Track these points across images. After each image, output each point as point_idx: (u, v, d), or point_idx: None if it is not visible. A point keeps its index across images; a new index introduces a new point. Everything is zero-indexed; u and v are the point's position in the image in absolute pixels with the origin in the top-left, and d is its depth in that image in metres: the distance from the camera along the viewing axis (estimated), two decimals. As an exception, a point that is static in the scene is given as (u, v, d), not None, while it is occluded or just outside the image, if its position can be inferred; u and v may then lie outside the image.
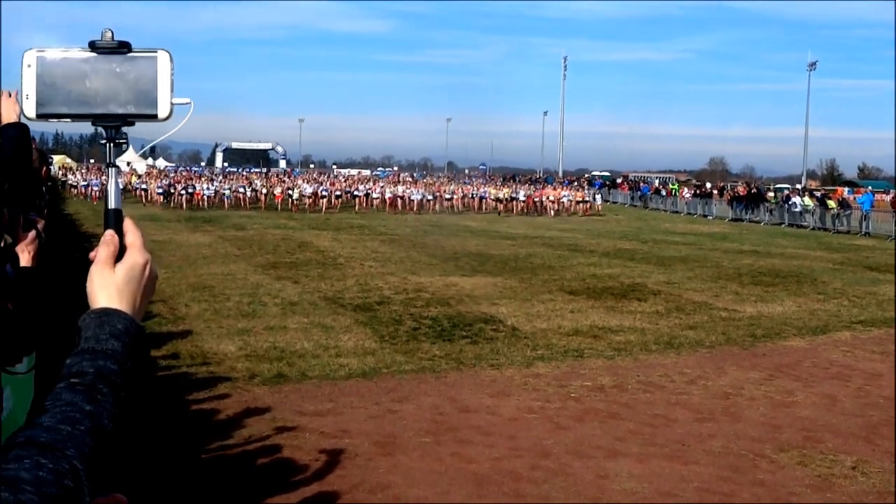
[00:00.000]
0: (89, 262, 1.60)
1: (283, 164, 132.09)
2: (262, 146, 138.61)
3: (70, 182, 60.54)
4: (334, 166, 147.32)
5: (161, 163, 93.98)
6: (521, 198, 58.01)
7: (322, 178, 68.54)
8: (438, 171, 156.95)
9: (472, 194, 60.42)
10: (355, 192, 55.84)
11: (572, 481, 8.36)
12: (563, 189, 64.95)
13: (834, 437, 9.99)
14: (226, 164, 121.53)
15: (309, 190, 54.25)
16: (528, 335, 15.08)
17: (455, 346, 14.13)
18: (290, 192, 53.12)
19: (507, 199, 57.55)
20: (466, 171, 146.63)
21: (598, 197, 63.74)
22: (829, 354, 14.42)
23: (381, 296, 19.03)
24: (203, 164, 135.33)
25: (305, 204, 52.24)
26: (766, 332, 16.13)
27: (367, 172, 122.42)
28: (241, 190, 54.19)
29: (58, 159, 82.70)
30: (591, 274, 23.93)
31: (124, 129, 1.72)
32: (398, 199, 55.38)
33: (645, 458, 9.08)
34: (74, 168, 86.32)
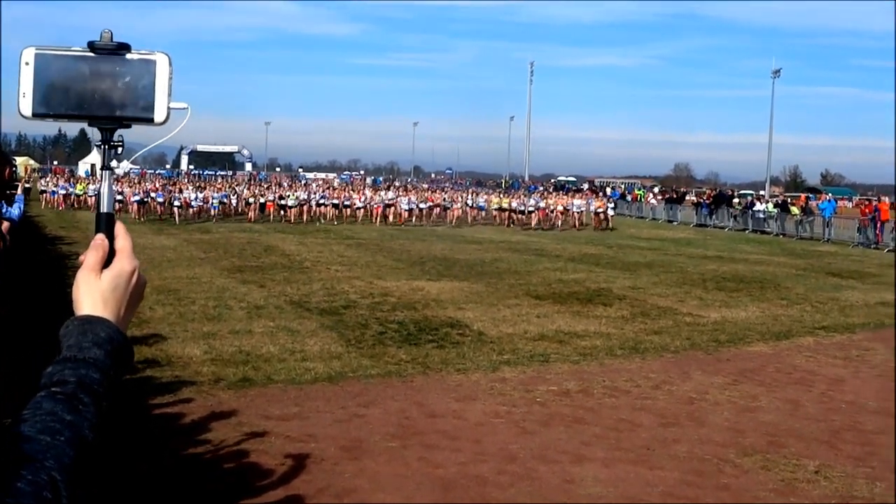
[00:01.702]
0: (71, 265, 1.59)
1: (248, 167, 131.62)
2: (227, 149, 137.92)
3: (41, 188, 56.44)
4: (300, 169, 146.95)
5: (125, 165, 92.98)
6: (531, 208, 49.19)
7: (314, 185, 62.72)
8: (405, 174, 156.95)
9: (470, 203, 52.72)
10: (345, 202, 48.71)
11: (538, 486, 8.38)
12: (573, 197, 57.11)
13: (797, 441, 10.06)
14: (191, 167, 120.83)
15: (305, 197, 47.93)
16: (494, 340, 15.10)
17: (421, 350, 14.12)
18: (284, 200, 46.89)
19: (518, 211, 49.34)
20: (433, 175, 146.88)
21: (610, 207, 52.43)
22: (792, 360, 14.53)
23: (347, 300, 18.99)
24: (168, 166, 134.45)
25: (302, 214, 46.37)
26: (731, 337, 16.24)
27: (332, 175, 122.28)
28: (225, 199, 47.71)
29: (21, 161, 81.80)
30: (557, 279, 24.01)
31: (120, 131, 1.70)
32: (388, 208, 48.45)
33: (610, 462, 9.11)
34: (36, 169, 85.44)
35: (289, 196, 47.37)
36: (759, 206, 52.64)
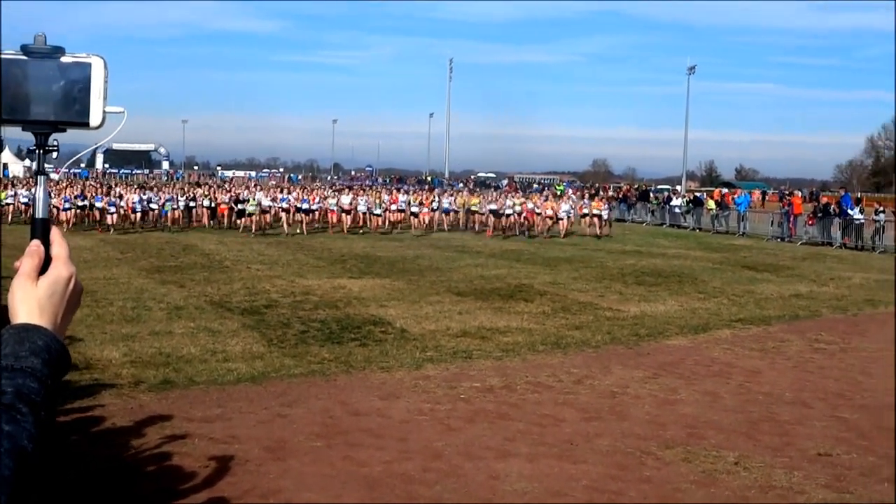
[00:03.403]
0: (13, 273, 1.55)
1: (165, 165, 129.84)
2: (144, 147, 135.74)
3: None
4: (219, 167, 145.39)
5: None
6: (509, 212, 41.11)
7: (276, 187, 53.90)
8: (325, 172, 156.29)
9: (435, 206, 44.17)
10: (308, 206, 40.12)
11: (464, 482, 8.42)
12: (563, 199, 47.98)
13: (716, 433, 10.24)
14: (107, 166, 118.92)
15: (266, 202, 40.30)
16: (417, 337, 15.12)
17: (344, 348, 14.09)
18: (242, 205, 39.45)
19: (498, 214, 41.04)
20: (353, 173, 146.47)
21: (605, 209, 43.66)
22: (710, 352, 14.77)
23: (268, 299, 18.87)
24: (83, 165, 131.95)
25: (263, 222, 39.25)
26: (650, 331, 16.45)
27: (252, 174, 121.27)
28: (172, 203, 40.08)
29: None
30: (479, 275, 24.10)
31: (55, 135, 1.67)
32: (345, 213, 40.34)
33: (534, 457, 9.18)
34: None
35: (249, 201, 39.65)
36: (675, 202, 53.42)
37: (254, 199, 39.79)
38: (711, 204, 49.66)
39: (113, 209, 37.90)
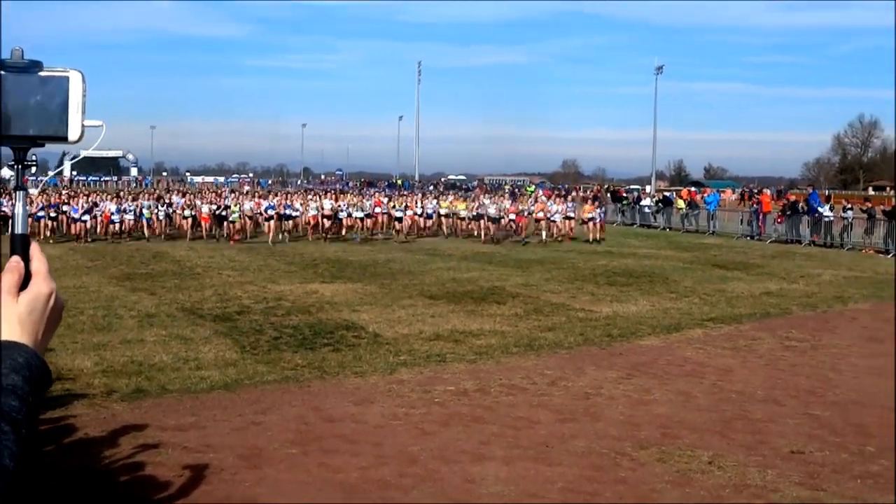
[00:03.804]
0: None
1: (134, 171, 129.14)
2: (112, 154, 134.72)
3: None
4: (188, 173, 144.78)
5: (6, 172, 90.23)
6: (495, 215, 38.62)
7: (252, 193, 52.56)
8: (294, 176, 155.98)
9: (419, 211, 41.61)
10: (292, 213, 38.64)
11: (440, 487, 8.41)
12: (555, 202, 43.12)
13: (690, 432, 10.28)
14: (74, 173, 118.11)
15: (248, 207, 38.48)
16: (390, 341, 15.10)
17: (317, 354, 14.05)
18: (224, 212, 37.65)
19: (493, 219, 38.45)
20: (323, 177, 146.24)
21: (600, 213, 41.04)
22: (682, 352, 14.83)
23: (240, 305, 18.79)
24: (51, 172, 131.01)
25: (245, 229, 37.65)
26: (623, 331, 16.50)
27: (222, 179, 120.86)
28: (153, 210, 38.52)
29: None
30: (451, 278, 24.10)
31: (33, 150, 1.66)
32: (325, 219, 37.79)
33: (510, 460, 9.19)
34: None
35: (230, 207, 37.98)
36: (645, 201, 53.65)
37: (236, 207, 38.03)
38: (681, 203, 49.86)
39: (88, 218, 36.50)
